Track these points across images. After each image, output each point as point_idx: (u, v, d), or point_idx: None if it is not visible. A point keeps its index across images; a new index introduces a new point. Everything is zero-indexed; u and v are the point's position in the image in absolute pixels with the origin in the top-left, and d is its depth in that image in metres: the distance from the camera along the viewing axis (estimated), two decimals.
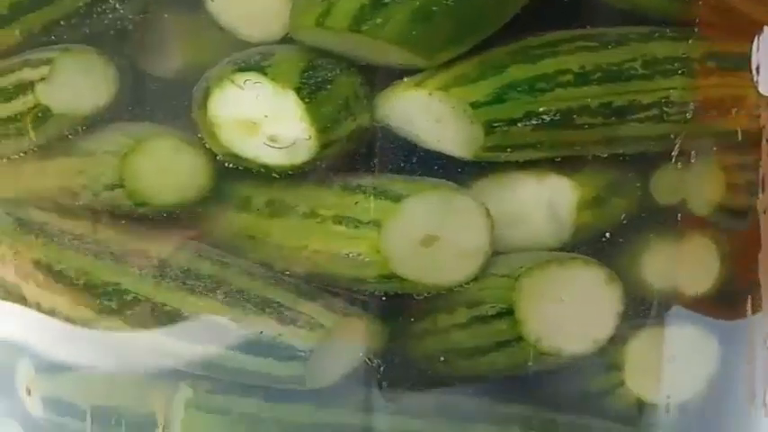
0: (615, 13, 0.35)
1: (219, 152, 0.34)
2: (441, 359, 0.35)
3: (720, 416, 0.41)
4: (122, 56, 0.37)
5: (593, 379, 0.37)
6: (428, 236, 0.32)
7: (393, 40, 0.32)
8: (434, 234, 0.32)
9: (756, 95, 0.38)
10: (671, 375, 0.37)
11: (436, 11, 0.32)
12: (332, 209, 0.33)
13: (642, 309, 0.37)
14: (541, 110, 0.33)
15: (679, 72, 0.35)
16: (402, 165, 0.34)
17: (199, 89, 0.34)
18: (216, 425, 0.36)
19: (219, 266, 0.36)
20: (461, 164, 0.34)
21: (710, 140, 0.37)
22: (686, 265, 0.38)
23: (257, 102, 0.33)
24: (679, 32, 0.35)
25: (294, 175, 0.34)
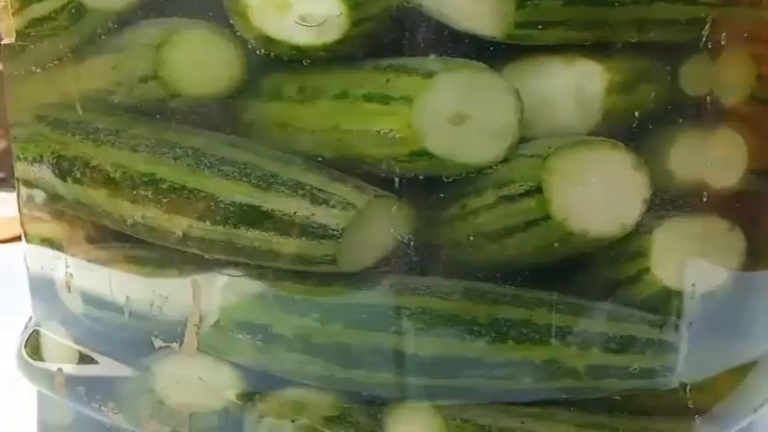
0: None
1: (251, 36, 0.35)
2: (469, 244, 0.35)
3: (745, 309, 0.42)
4: None
5: (618, 266, 0.37)
6: (458, 113, 0.33)
7: None
8: (464, 112, 0.33)
9: None
10: (696, 265, 0.38)
11: None
12: (363, 88, 0.34)
13: (669, 199, 0.37)
14: None
15: None
16: (432, 46, 0.34)
17: None
18: (252, 308, 0.37)
19: (252, 154, 0.36)
20: (491, 46, 0.34)
21: (742, 28, 0.37)
22: (713, 158, 0.38)
23: None
24: None
25: (325, 60, 0.34)
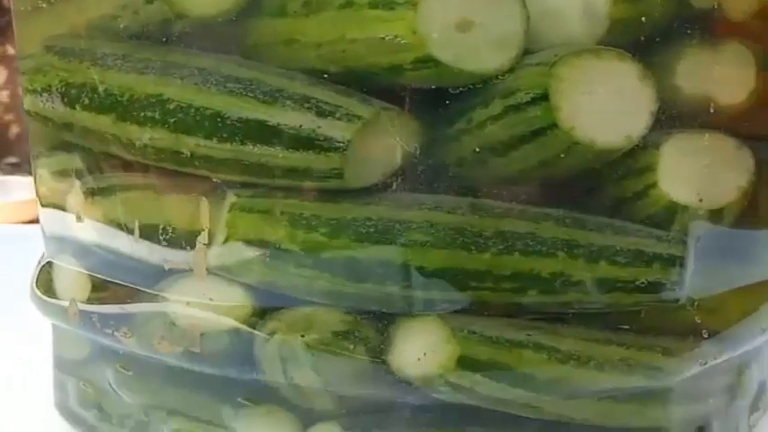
0: None
1: None
2: (475, 158, 0.35)
3: (755, 230, 0.42)
4: None
5: (625, 182, 0.37)
6: (464, 20, 0.33)
7: None
8: (470, 18, 0.33)
9: None
10: (704, 180, 0.38)
11: None
12: None
13: (676, 114, 0.37)
14: None
15: None
16: None
17: None
18: (259, 223, 0.37)
19: (258, 71, 0.36)
20: None
21: None
22: (721, 73, 0.38)
23: None
24: None
25: None
